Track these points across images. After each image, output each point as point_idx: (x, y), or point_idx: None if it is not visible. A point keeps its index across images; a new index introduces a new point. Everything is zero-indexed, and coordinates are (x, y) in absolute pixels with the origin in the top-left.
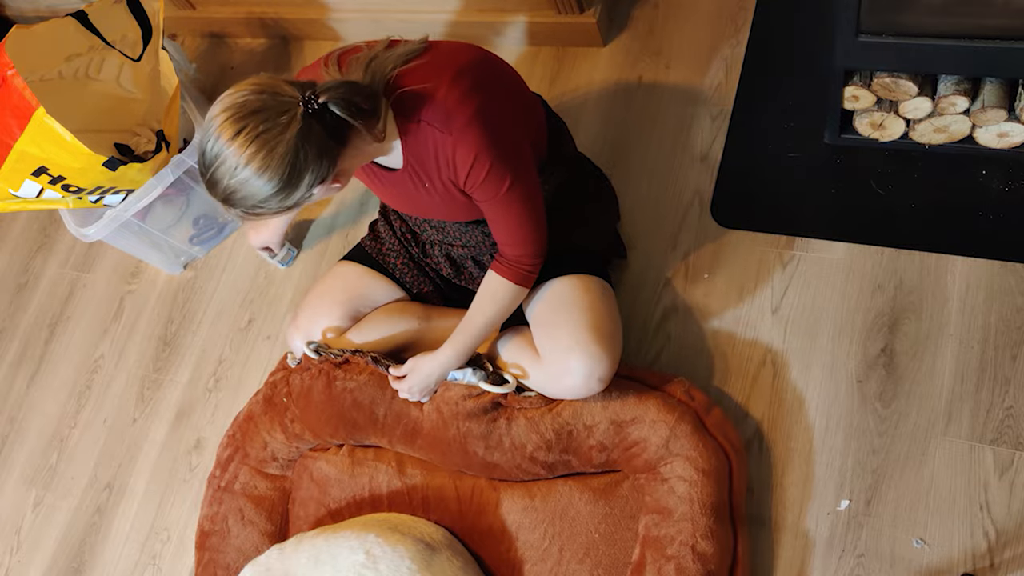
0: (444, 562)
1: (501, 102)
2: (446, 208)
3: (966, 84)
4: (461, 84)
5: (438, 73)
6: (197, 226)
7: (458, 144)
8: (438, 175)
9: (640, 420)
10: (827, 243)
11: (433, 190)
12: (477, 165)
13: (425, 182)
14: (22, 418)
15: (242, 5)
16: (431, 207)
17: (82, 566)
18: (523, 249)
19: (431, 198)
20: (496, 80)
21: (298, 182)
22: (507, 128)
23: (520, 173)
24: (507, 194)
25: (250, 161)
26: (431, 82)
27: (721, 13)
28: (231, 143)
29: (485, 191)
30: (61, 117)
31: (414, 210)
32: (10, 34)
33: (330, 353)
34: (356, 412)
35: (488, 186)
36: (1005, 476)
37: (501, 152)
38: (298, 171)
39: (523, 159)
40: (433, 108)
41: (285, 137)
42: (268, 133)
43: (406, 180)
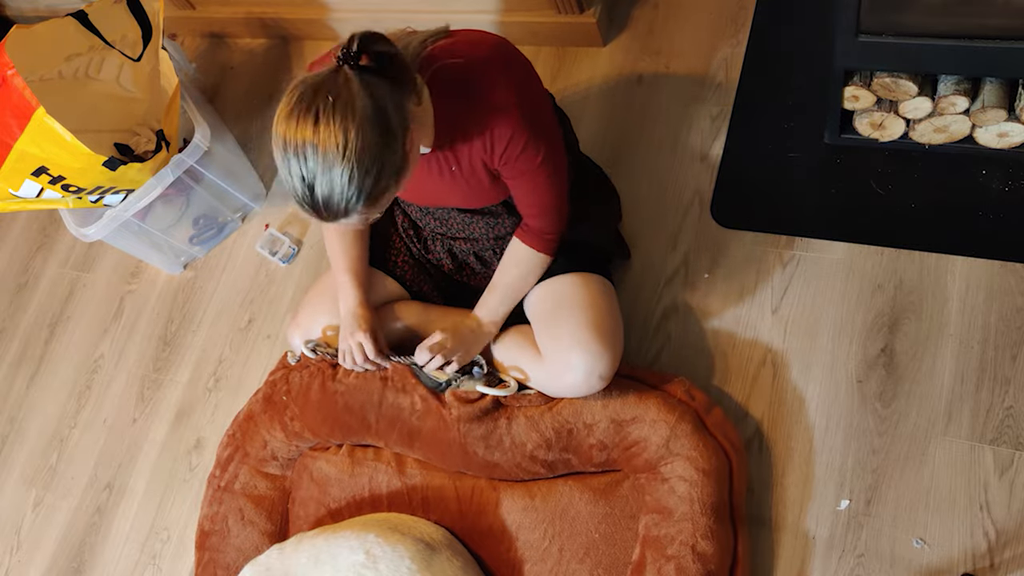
0: (444, 562)
1: (532, 79)
2: (465, 192)
3: (966, 84)
4: (495, 63)
5: (470, 51)
6: (197, 226)
7: (498, 118)
8: (468, 156)
9: (640, 419)
10: (827, 243)
11: (459, 173)
12: (514, 141)
13: (452, 165)
14: (22, 418)
15: (242, 5)
16: (450, 192)
17: (82, 566)
18: (548, 220)
19: (454, 181)
20: (521, 61)
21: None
22: (540, 103)
23: (553, 149)
24: (539, 168)
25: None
26: (464, 59)
27: (721, 13)
28: (316, 133)
29: (518, 166)
30: (61, 117)
31: (428, 197)
32: (10, 34)
33: (327, 353)
34: (348, 415)
35: (522, 161)
36: (1005, 476)
37: (537, 127)
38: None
39: (553, 134)
40: (471, 83)
41: (353, 91)
42: (340, 100)
43: (432, 163)
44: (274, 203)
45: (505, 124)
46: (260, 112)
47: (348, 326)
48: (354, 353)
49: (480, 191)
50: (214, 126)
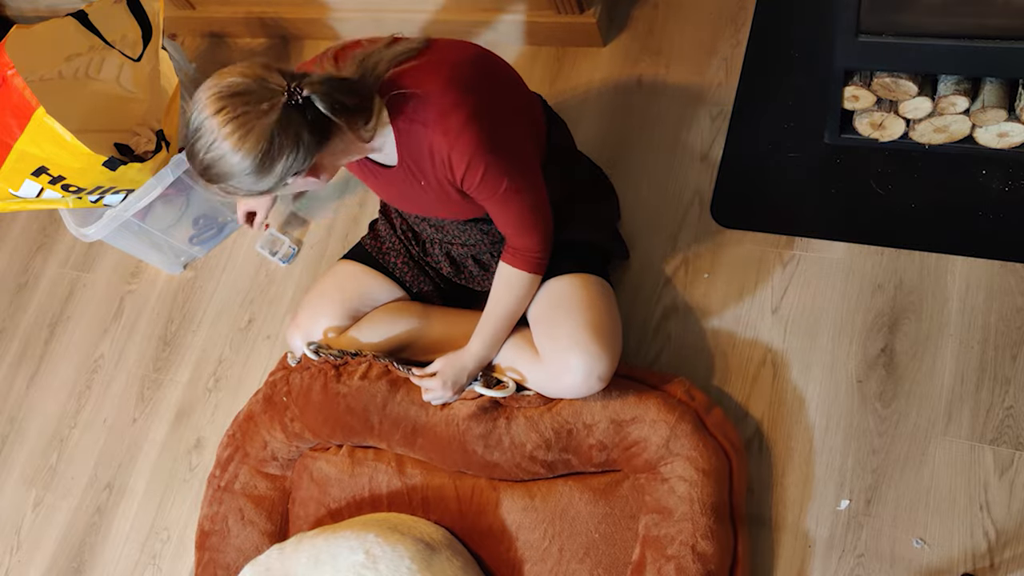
0: (444, 562)
1: (497, 100)
2: (442, 206)
3: (966, 84)
4: (456, 84)
5: (434, 72)
6: (197, 226)
7: (453, 146)
8: (433, 174)
9: (640, 420)
10: (827, 243)
11: (429, 188)
12: (472, 167)
13: (421, 180)
14: (22, 418)
15: (242, 5)
16: (428, 205)
17: (82, 566)
18: (529, 239)
19: (427, 195)
20: (492, 77)
21: (270, 168)
22: (503, 127)
23: (518, 170)
24: (505, 193)
25: (226, 138)
26: (426, 82)
27: (721, 13)
28: (212, 118)
29: (483, 191)
30: (61, 117)
31: (411, 207)
32: (10, 34)
33: (329, 354)
34: (350, 417)
35: (485, 187)
36: (1005, 476)
37: (497, 153)
38: (271, 157)
39: (521, 156)
40: (428, 109)
41: (262, 123)
42: (246, 116)
43: (402, 177)
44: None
45: (462, 151)
46: None
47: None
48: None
49: (455, 205)
50: None
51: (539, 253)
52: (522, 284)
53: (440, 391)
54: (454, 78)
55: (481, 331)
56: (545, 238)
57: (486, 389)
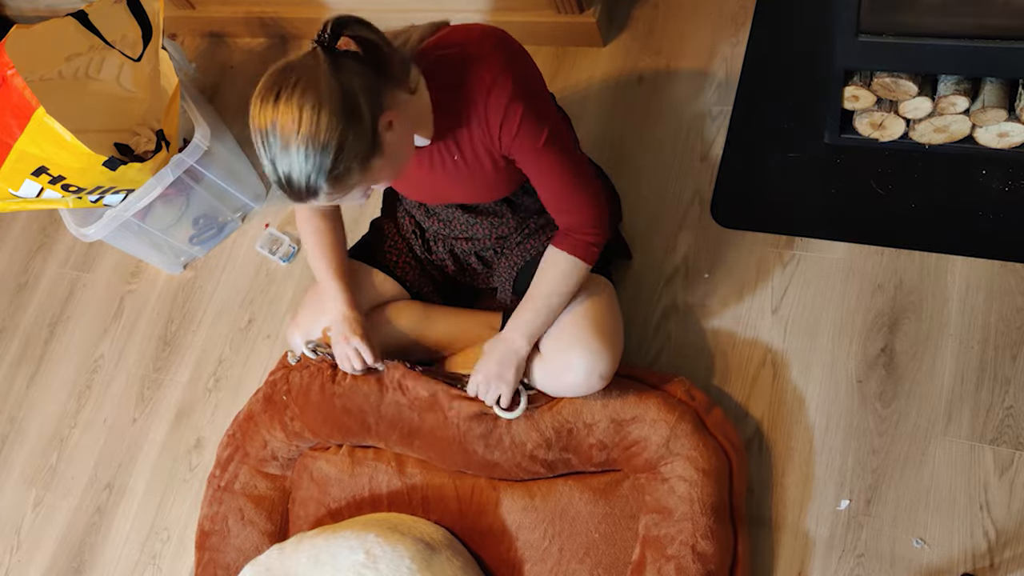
0: (444, 562)
1: (527, 64)
2: (470, 184)
3: (966, 84)
4: (487, 42)
5: (462, 38)
6: (197, 226)
7: (490, 94)
8: (470, 142)
9: (640, 419)
10: (827, 243)
11: (462, 162)
12: (510, 113)
13: (455, 154)
14: (22, 418)
15: (242, 5)
16: (453, 186)
17: (82, 566)
18: (578, 216)
19: (457, 173)
20: (515, 46)
21: (358, 113)
22: (536, 84)
23: (556, 128)
24: (546, 147)
25: (303, 105)
26: (456, 47)
27: (721, 13)
28: (276, 112)
29: (522, 144)
30: (61, 117)
31: (432, 194)
32: (10, 34)
33: (327, 353)
34: (347, 417)
35: (524, 137)
36: (1005, 476)
37: (533, 101)
38: (350, 97)
39: (554, 115)
40: (463, 67)
41: (320, 71)
42: (303, 80)
43: (434, 155)
44: (274, 203)
45: (499, 97)
46: None
47: (341, 331)
48: (352, 360)
49: (484, 182)
50: (214, 126)
51: (589, 235)
52: (565, 268)
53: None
54: (485, 38)
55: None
56: (598, 220)
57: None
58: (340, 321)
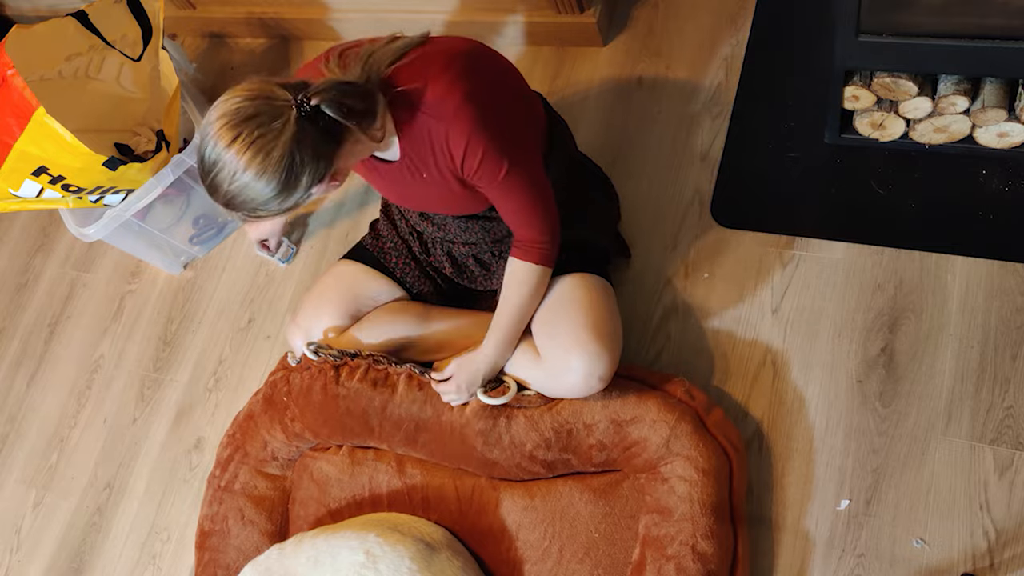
0: (444, 562)
1: (493, 88)
2: (444, 200)
3: (966, 84)
4: (451, 71)
5: (429, 63)
6: (197, 226)
7: (450, 129)
8: (435, 164)
9: (640, 419)
10: (827, 243)
11: (431, 180)
12: (471, 149)
13: (423, 172)
14: (22, 418)
15: (242, 5)
16: (429, 199)
17: (82, 566)
18: (535, 229)
19: (428, 189)
20: (489, 68)
21: (296, 184)
22: (501, 113)
23: (518, 157)
24: (506, 179)
25: (248, 167)
26: (422, 73)
27: (721, 13)
28: (228, 149)
29: (483, 176)
30: (61, 117)
31: (413, 203)
32: (10, 34)
33: (329, 354)
34: (349, 419)
35: (485, 171)
36: (1005, 476)
37: (495, 136)
38: (295, 174)
39: (521, 143)
40: (424, 97)
41: (280, 141)
42: (263, 139)
43: (404, 172)
44: None
45: (459, 132)
46: None
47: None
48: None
49: (457, 199)
50: None
51: (546, 244)
52: (532, 278)
53: (455, 394)
54: (449, 67)
55: (494, 332)
56: (551, 228)
57: (487, 398)
58: None
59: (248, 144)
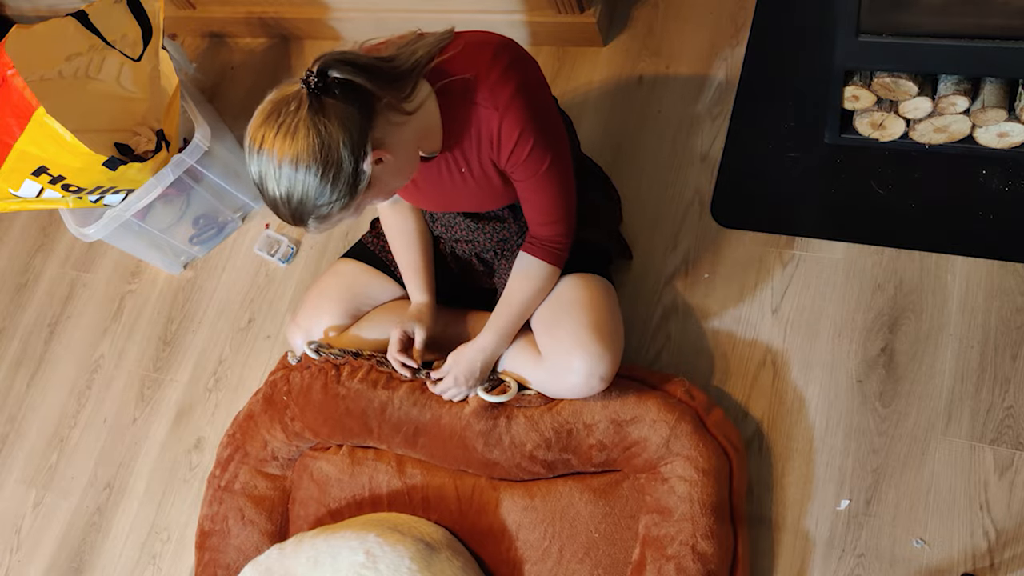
0: (444, 562)
1: (538, 82)
2: (477, 195)
3: (966, 84)
4: (501, 61)
5: (477, 54)
6: (197, 226)
7: (504, 119)
8: (478, 156)
9: (640, 419)
10: (827, 243)
11: (469, 175)
12: (522, 140)
13: (462, 167)
14: (22, 418)
15: (242, 5)
16: (460, 196)
17: (82, 566)
18: (555, 228)
19: (465, 185)
20: (527, 61)
21: (338, 160)
22: (547, 106)
23: (559, 151)
24: (547, 172)
25: (282, 157)
26: (472, 64)
27: (721, 13)
28: (261, 151)
29: (526, 169)
30: (61, 117)
31: (441, 202)
32: (10, 34)
33: (329, 354)
34: (349, 420)
35: (530, 163)
36: (1005, 476)
37: (544, 129)
38: (329, 147)
39: (560, 137)
40: (476, 86)
41: (300, 118)
42: (285, 124)
43: (442, 167)
44: None
45: (513, 124)
46: None
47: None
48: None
49: (491, 193)
50: (214, 126)
51: (561, 245)
52: (541, 276)
53: (454, 388)
54: (498, 58)
55: (494, 322)
56: (570, 230)
57: (488, 395)
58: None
59: (273, 136)
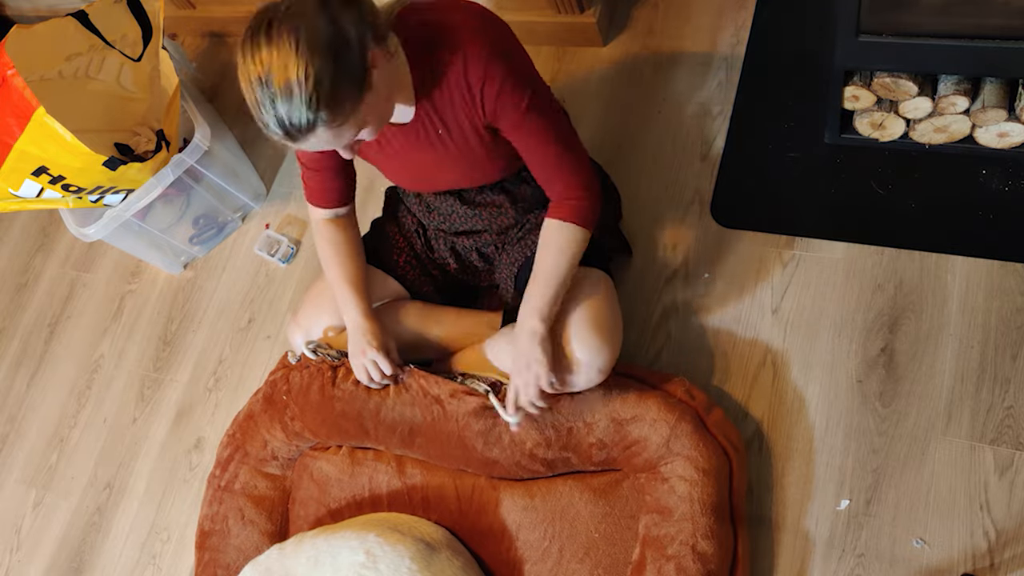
0: (444, 562)
1: (508, 35)
2: (459, 163)
3: (966, 84)
4: (469, 13)
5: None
6: (197, 226)
7: (468, 55)
8: (453, 113)
9: (640, 419)
10: (827, 243)
11: (448, 138)
12: (491, 71)
13: (439, 127)
14: (22, 418)
15: (242, 4)
16: (444, 165)
17: (82, 566)
18: (568, 179)
19: (445, 150)
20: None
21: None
22: (516, 46)
23: (540, 88)
24: (530, 111)
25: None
26: (435, 10)
27: (721, 13)
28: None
29: (505, 104)
30: (61, 117)
31: (426, 176)
32: (10, 34)
33: (327, 354)
34: (345, 421)
35: (507, 96)
36: (1005, 476)
37: (515, 61)
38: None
39: (536, 77)
40: (442, 34)
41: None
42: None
43: (419, 132)
44: (274, 203)
45: (478, 56)
46: None
47: (357, 343)
48: (370, 371)
49: (473, 159)
50: (214, 126)
51: (583, 199)
52: (564, 236)
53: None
54: (466, 10)
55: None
56: (586, 179)
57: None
58: (355, 332)
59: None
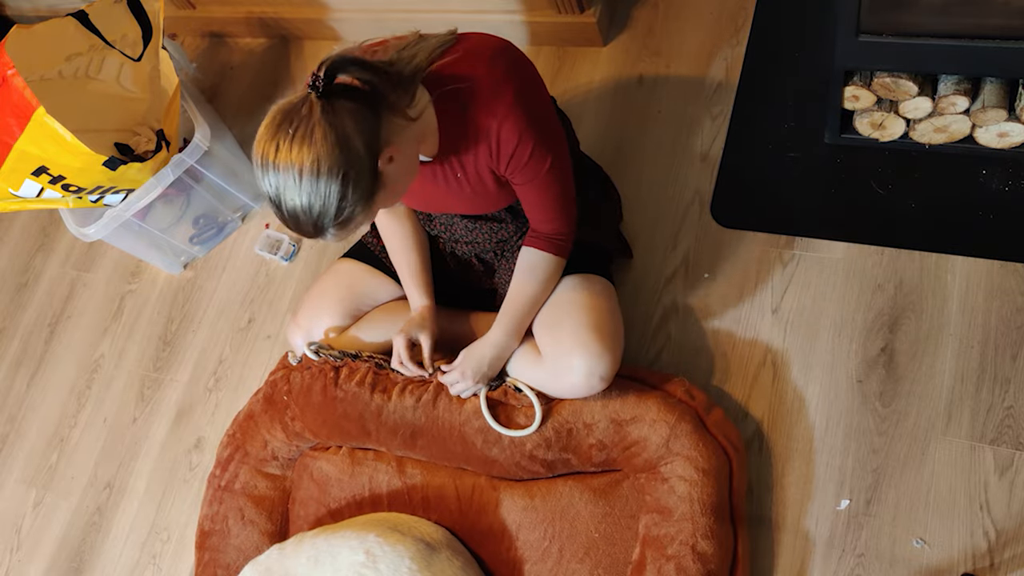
0: (444, 562)
1: (535, 86)
2: (471, 199)
3: (966, 84)
4: (498, 66)
5: (475, 60)
6: (197, 226)
7: (503, 126)
8: (474, 162)
9: (640, 419)
10: (827, 243)
11: (465, 180)
12: (521, 146)
13: (458, 172)
14: (22, 418)
15: (242, 5)
16: (455, 199)
17: (82, 566)
18: (558, 224)
19: (460, 189)
20: (525, 66)
21: (356, 157)
22: (545, 109)
23: (559, 152)
24: (547, 175)
25: (303, 163)
26: (470, 69)
27: (721, 13)
28: (278, 164)
29: (527, 173)
30: (61, 117)
31: (433, 204)
32: (10, 34)
33: (329, 355)
34: (347, 422)
35: (530, 167)
36: (1005, 476)
37: (543, 132)
38: (347, 146)
39: (559, 138)
40: (475, 94)
41: (313, 121)
42: (300, 129)
43: (436, 171)
44: None
45: (511, 130)
46: (260, 112)
47: (414, 322)
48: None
49: (486, 197)
50: (214, 126)
51: (566, 237)
52: (547, 268)
53: (461, 382)
54: (494, 64)
55: (503, 318)
56: (572, 224)
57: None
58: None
59: (289, 144)
